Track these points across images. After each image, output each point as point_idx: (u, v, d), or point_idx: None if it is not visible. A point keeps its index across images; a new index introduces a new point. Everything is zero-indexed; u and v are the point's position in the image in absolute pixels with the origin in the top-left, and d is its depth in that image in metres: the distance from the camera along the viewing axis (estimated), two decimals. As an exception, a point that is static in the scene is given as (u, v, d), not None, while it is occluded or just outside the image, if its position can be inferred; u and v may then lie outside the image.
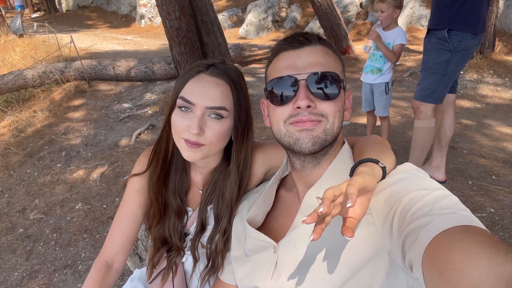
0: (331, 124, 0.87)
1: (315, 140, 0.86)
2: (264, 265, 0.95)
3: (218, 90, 1.03)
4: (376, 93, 3.48)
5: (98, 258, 1.21)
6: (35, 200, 3.72)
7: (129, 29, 15.70)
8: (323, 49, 0.91)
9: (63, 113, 5.69)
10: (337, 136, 0.90)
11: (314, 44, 0.91)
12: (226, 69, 1.08)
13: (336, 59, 0.93)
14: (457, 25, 2.41)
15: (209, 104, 1.01)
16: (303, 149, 0.87)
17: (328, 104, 0.86)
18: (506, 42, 7.21)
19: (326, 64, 0.88)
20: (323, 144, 0.87)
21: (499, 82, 5.93)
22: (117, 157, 4.32)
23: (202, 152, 1.05)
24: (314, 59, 0.88)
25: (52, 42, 8.63)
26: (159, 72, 6.29)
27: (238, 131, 1.08)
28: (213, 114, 1.02)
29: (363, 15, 10.50)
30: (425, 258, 0.63)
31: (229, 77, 1.06)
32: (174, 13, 4.43)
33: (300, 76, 0.86)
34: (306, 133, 0.86)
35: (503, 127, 4.42)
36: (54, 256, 2.94)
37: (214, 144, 1.05)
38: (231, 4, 14.21)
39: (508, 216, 2.56)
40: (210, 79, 1.04)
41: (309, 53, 0.89)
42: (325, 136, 0.86)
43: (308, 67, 0.87)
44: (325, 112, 0.86)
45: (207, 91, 1.02)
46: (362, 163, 0.86)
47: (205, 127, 1.02)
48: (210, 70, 1.06)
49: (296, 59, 0.89)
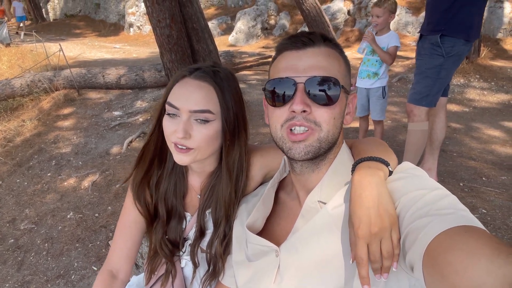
0: (325, 132, 0.85)
1: (308, 150, 0.85)
2: (266, 269, 0.94)
3: (202, 93, 1.01)
4: (373, 97, 3.51)
5: (103, 268, 1.19)
6: (26, 210, 3.66)
7: (118, 38, 15.66)
8: (326, 51, 0.88)
9: (52, 122, 5.62)
10: (334, 142, 0.89)
11: (317, 46, 0.87)
12: (212, 72, 1.06)
13: (340, 62, 0.89)
14: (450, 31, 2.46)
15: (192, 108, 1.00)
16: (296, 157, 0.86)
17: (324, 111, 0.84)
18: (491, 48, 7.38)
19: (327, 68, 0.85)
20: (317, 152, 0.86)
21: (485, 86, 6.06)
22: (108, 165, 4.28)
23: (192, 156, 1.04)
24: (315, 62, 0.85)
25: (40, 51, 8.55)
26: (150, 80, 6.27)
27: (226, 133, 1.06)
28: (199, 117, 1.01)
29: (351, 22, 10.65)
30: (425, 259, 0.63)
31: (214, 79, 1.04)
32: (164, 20, 4.43)
33: (298, 79, 0.84)
34: (299, 144, 0.85)
35: (490, 130, 4.50)
36: (46, 266, 2.89)
37: (204, 148, 1.04)
38: (220, 12, 14.29)
39: (500, 217, 2.60)
40: (193, 83, 1.03)
41: (310, 55, 0.86)
42: (319, 144, 0.85)
43: (308, 70, 0.84)
44: (319, 120, 0.84)
45: (190, 94, 1.01)
46: (363, 161, 0.86)
47: (191, 131, 1.01)
48: (194, 73, 1.05)
49: (297, 60, 0.86)
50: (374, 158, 0.86)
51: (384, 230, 0.74)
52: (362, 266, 0.74)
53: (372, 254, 0.74)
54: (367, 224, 0.74)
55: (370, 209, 0.75)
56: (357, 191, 0.79)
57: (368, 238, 0.74)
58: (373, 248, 0.74)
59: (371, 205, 0.75)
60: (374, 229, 0.73)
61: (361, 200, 0.77)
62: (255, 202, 1.08)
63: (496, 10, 8.17)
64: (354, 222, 0.76)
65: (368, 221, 0.74)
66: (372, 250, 0.74)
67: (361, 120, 3.79)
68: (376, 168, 0.82)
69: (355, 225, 0.76)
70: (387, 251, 0.74)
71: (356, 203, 0.77)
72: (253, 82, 6.67)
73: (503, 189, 2.98)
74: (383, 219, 0.74)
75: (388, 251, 0.74)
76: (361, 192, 0.78)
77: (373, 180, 0.79)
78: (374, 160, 0.85)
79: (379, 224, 0.74)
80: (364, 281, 0.74)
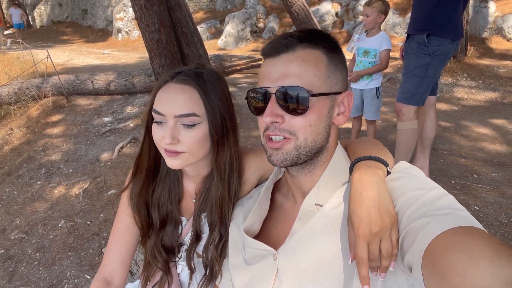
0: (302, 140, 0.83)
1: (285, 157, 0.84)
2: (264, 273, 0.93)
3: (185, 97, 1.00)
4: (367, 97, 3.53)
5: (97, 276, 1.17)
6: (16, 220, 3.60)
7: (106, 43, 15.56)
8: (302, 54, 0.83)
9: (41, 129, 5.55)
10: (320, 147, 0.87)
11: (291, 50, 0.83)
12: (195, 74, 1.04)
13: (319, 63, 0.83)
14: (436, 30, 2.49)
15: (177, 112, 0.99)
16: (275, 164, 0.86)
17: (296, 120, 0.82)
18: (477, 46, 7.49)
19: (300, 74, 0.81)
20: (296, 160, 0.85)
21: (473, 85, 6.14)
22: (99, 172, 4.23)
23: (183, 159, 1.03)
24: (286, 70, 0.82)
25: (27, 58, 8.44)
26: (140, 85, 6.22)
27: (213, 135, 1.04)
28: (185, 122, 1.00)
29: (339, 24, 10.73)
30: (424, 260, 0.63)
31: (196, 81, 1.02)
32: (153, 25, 4.41)
33: (270, 89, 0.83)
34: (277, 151, 0.85)
35: (480, 127, 4.56)
36: (38, 276, 2.84)
37: (195, 151, 1.03)
38: (209, 16, 14.29)
39: (492, 213, 2.63)
40: (176, 87, 1.01)
41: (283, 61, 0.83)
42: (297, 152, 0.84)
43: (280, 79, 0.82)
44: (293, 129, 0.83)
45: (174, 99, 1.00)
46: (362, 160, 0.85)
47: (179, 135, 1.00)
48: (176, 78, 1.03)
49: (271, 68, 0.84)
50: (373, 158, 0.85)
51: (385, 229, 0.73)
52: (362, 266, 0.74)
53: (371, 253, 0.74)
54: (368, 224, 0.73)
55: (370, 208, 0.74)
56: (357, 190, 0.78)
57: (368, 238, 0.73)
58: (372, 248, 0.74)
59: (372, 204, 0.75)
60: (375, 228, 0.73)
61: (362, 199, 0.76)
62: (250, 205, 1.07)
63: (481, 9, 8.31)
64: (354, 221, 0.76)
65: (369, 220, 0.74)
66: (372, 250, 0.74)
67: (354, 121, 3.81)
68: (375, 167, 0.82)
69: (355, 224, 0.75)
70: (386, 251, 0.73)
71: (357, 202, 0.77)
72: (244, 85, 6.67)
73: (494, 185, 3.01)
74: (383, 218, 0.74)
75: (387, 251, 0.73)
76: (361, 191, 0.77)
77: (373, 179, 0.78)
78: (373, 160, 0.85)
79: (379, 224, 0.73)
80: (364, 281, 0.74)
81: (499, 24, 8.02)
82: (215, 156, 1.09)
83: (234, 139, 1.11)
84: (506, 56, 7.31)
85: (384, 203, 0.76)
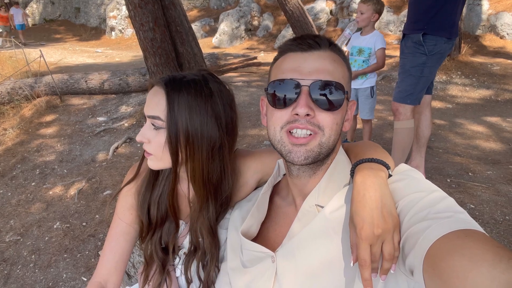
0: (327, 137, 0.84)
1: (308, 154, 0.83)
2: (263, 276, 0.92)
3: (155, 99, 1.01)
4: (361, 96, 3.54)
5: (91, 280, 1.16)
6: (10, 222, 3.56)
7: (99, 42, 15.45)
8: (332, 55, 0.86)
9: (34, 129, 5.50)
10: (333, 148, 0.87)
11: (323, 49, 0.86)
12: (173, 79, 1.01)
13: (343, 68, 0.88)
14: (432, 29, 2.50)
15: (147, 113, 1.01)
16: (295, 162, 0.85)
17: (327, 115, 0.83)
18: (471, 44, 7.54)
19: (333, 72, 0.83)
20: (317, 158, 0.85)
21: (467, 83, 6.17)
22: (94, 172, 4.20)
23: (153, 161, 1.04)
24: (320, 65, 0.83)
25: (20, 58, 8.36)
26: (134, 84, 6.19)
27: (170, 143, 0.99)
28: (153, 123, 1.01)
29: (333, 22, 10.74)
30: (425, 264, 0.63)
31: (166, 86, 0.99)
32: (147, 24, 4.38)
33: (303, 82, 0.82)
34: (300, 147, 0.83)
35: (474, 125, 4.58)
36: (34, 278, 2.81)
37: (159, 155, 1.02)
38: (203, 14, 14.23)
39: (488, 211, 2.64)
40: (155, 89, 1.03)
41: (316, 58, 0.84)
42: (319, 149, 0.84)
43: (314, 73, 0.82)
44: (322, 124, 0.83)
45: (149, 100, 1.02)
46: (364, 162, 0.85)
47: (150, 137, 1.02)
48: (160, 79, 1.04)
49: (302, 62, 0.84)
50: (375, 160, 0.85)
51: (387, 232, 0.73)
52: (365, 268, 0.73)
53: (372, 255, 0.74)
54: (371, 225, 0.73)
55: (373, 210, 0.74)
56: (360, 192, 0.77)
57: (371, 240, 0.73)
58: (374, 250, 0.73)
59: (375, 206, 0.74)
60: (378, 230, 0.72)
61: (365, 201, 0.75)
62: (249, 208, 1.07)
63: (475, 7, 8.35)
64: (357, 223, 0.75)
65: (372, 222, 0.73)
66: (373, 252, 0.73)
67: None
68: (378, 170, 0.82)
69: (357, 226, 0.74)
70: (389, 253, 0.73)
71: (360, 203, 0.76)
72: (239, 83, 6.64)
73: (489, 183, 3.03)
74: (386, 220, 0.73)
75: (390, 253, 0.73)
76: (364, 193, 0.76)
77: (376, 181, 0.78)
78: (375, 162, 0.85)
79: (382, 226, 0.73)
80: (367, 283, 0.73)
81: (492, 21, 8.07)
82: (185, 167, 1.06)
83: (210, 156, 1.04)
84: (500, 53, 7.36)
85: (387, 205, 0.75)
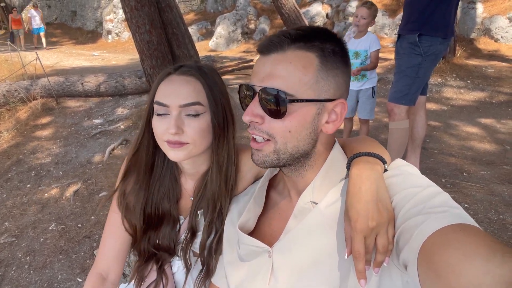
0: (281, 144, 0.81)
1: (265, 159, 0.84)
2: (259, 270, 0.92)
3: (189, 87, 1.02)
4: (362, 97, 3.56)
5: (91, 271, 1.16)
6: (5, 223, 3.54)
7: (95, 45, 15.43)
8: (292, 55, 0.79)
9: (30, 132, 5.48)
10: (300, 153, 0.84)
11: (282, 50, 0.80)
12: (197, 67, 1.07)
13: (309, 67, 0.79)
14: (428, 30, 2.52)
15: (182, 102, 1.00)
16: (255, 164, 0.86)
17: (275, 123, 0.80)
18: (465, 47, 7.59)
19: (285, 77, 0.78)
20: (275, 163, 0.84)
21: (461, 85, 6.21)
22: (90, 174, 4.19)
23: (187, 150, 1.03)
24: (272, 70, 0.79)
25: (16, 61, 8.34)
26: (130, 87, 6.19)
27: (215, 127, 1.06)
28: (190, 112, 1.01)
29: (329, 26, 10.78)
30: (420, 257, 0.63)
31: (200, 73, 1.04)
32: (144, 26, 4.39)
33: (256, 88, 0.81)
34: (258, 152, 0.85)
35: (468, 127, 4.62)
36: (29, 280, 2.80)
37: (198, 142, 1.03)
38: (200, 17, 14.27)
39: (482, 210, 2.66)
40: (180, 78, 1.03)
41: (272, 61, 0.80)
42: (276, 155, 0.83)
43: (265, 79, 0.79)
44: (271, 132, 0.81)
45: (178, 89, 1.01)
46: (361, 156, 0.86)
47: (183, 126, 1.01)
48: (179, 70, 1.05)
49: (261, 66, 0.82)
50: (372, 154, 0.85)
51: (382, 225, 0.73)
52: (359, 260, 0.74)
53: (366, 247, 0.74)
54: (366, 218, 0.73)
55: (369, 202, 0.74)
56: (356, 185, 0.78)
57: (365, 232, 0.73)
58: (368, 242, 0.74)
59: (370, 199, 0.74)
60: (372, 223, 0.73)
61: (360, 194, 0.76)
62: (246, 202, 1.07)
63: (469, 11, 8.42)
64: (351, 215, 0.75)
65: (367, 214, 0.73)
66: (367, 244, 0.74)
67: (346, 121, 3.83)
68: (374, 163, 0.82)
69: (352, 219, 0.75)
70: (382, 246, 0.73)
71: (355, 196, 0.76)
72: (235, 86, 6.66)
73: (483, 183, 3.05)
74: (381, 213, 0.74)
75: (383, 246, 0.73)
76: (360, 186, 0.77)
77: (372, 174, 0.78)
78: (372, 156, 0.85)
79: (377, 219, 0.73)
80: (361, 275, 0.74)
81: (486, 25, 8.14)
82: (215, 149, 1.09)
83: (233, 133, 1.12)
84: (494, 56, 7.42)
85: (382, 198, 0.76)
